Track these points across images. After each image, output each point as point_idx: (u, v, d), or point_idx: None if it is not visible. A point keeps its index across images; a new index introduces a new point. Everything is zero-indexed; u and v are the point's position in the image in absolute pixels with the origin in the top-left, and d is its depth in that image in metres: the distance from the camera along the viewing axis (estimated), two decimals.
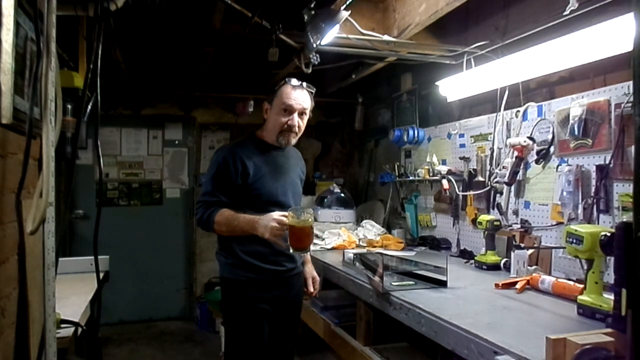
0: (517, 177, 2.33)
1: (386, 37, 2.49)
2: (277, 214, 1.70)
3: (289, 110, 1.87)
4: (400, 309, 1.75)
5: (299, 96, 1.88)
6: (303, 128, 1.94)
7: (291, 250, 1.70)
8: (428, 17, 2.20)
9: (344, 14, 2.16)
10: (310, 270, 2.19)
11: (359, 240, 3.14)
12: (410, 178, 3.28)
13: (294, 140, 1.95)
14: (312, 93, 1.95)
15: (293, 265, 2.00)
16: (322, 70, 3.06)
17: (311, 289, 2.15)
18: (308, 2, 2.19)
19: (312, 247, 1.96)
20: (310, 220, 1.66)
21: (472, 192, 2.67)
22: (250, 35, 2.54)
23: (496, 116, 2.50)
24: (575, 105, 2.00)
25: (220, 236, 1.94)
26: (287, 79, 1.92)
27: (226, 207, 1.84)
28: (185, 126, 4.72)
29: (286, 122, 1.87)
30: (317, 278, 2.19)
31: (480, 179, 2.63)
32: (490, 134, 2.57)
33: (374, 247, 2.93)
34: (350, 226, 3.44)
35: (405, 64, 3.05)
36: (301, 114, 1.90)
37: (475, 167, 2.70)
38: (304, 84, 1.92)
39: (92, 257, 1.48)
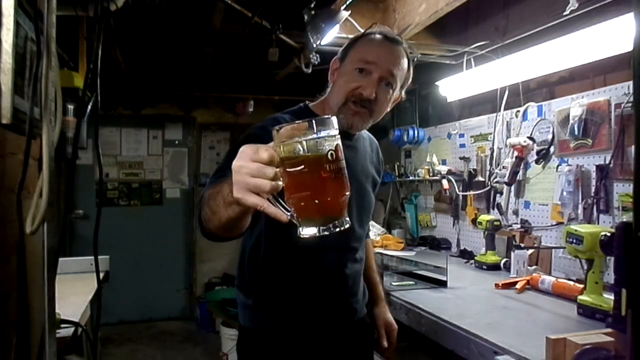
0: (517, 177, 2.33)
1: None
2: (255, 145, 0.76)
3: (367, 69, 1.18)
4: (400, 309, 1.75)
5: (390, 52, 1.21)
6: (385, 108, 1.25)
7: (300, 229, 0.75)
8: (428, 17, 2.20)
9: (344, 14, 2.16)
10: (382, 314, 1.48)
11: None
12: (410, 178, 3.28)
13: (363, 125, 1.24)
14: (412, 60, 1.28)
15: (348, 316, 1.33)
16: (322, 70, 3.05)
17: (385, 343, 1.45)
18: (308, 2, 2.19)
19: None
20: (325, 140, 0.73)
21: (472, 192, 2.67)
22: (250, 35, 2.54)
23: (496, 116, 2.50)
24: (575, 105, 2.00)
25: (239, 260, 1.33)
26: (377, 26, 1.30)
27: None
28: (185, 126, 4.72)
29: (357, 87, 1.17)
30: (395, 326, 1.49)
31: (480, 179, 2.63)
32: (490, 134, 2.57)
33: (374, 247, 2.93)
34: None
35: None
36: (387, 81, 1.19)
37: (475, 167, 2.70)
38: (403, 41, 1.27)
39: (92, 257, 1.48)
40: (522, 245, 2.18)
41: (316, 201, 0.73)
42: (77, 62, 2.15)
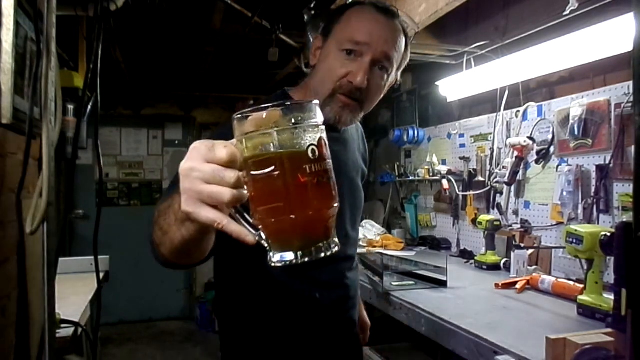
0: (517, 177, 2.33)
1: None
2: (210, 142, 0.56)
3: (357, 52, 0.98)
4: (400, 309, 1.75)
5: (385, 29, 0.99)
6: (379, 96, 1.07)
7: (270, 254, 0.56)
8: (428, 17, 2.20)
9: None
10: (359, 313, 1.29)
11: (359, 240, 3.13)
12: (410, 178, 3.28)
13: (351, 119, 1.04)
14: (410, 37, 1.07)
15: (354, 318, 1.18)
16: None
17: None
18: (308, 2, 2.19)
19: None
20: (309, 131, 0.54)
21: (472, 192, 2.67)
22: (250, 35, 2.54)
23: (496, 116, 2.50)
24: (575, 105, 2.00)
25: (216, 300, 1.14)
26: None
27: None
28: (185, 126, 4.73)
29: (345, 74, 0.98)
30: (368, 324, 1.43)
31: (480, 179, 2.63)
32: (490, 134, 2.57)
33: (374, 247, 2.93)
34: None
35: None
36: (381, 64, 1.00)
37: (475, 167, 2.70)
38: (399, 11, 1.05)
39: (92, 257, 1.48)
40: (522, 245, 2.18)
41: (292, 216, 0.53)
42: (77, 62, 2.15)
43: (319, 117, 0.56)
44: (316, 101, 0.56)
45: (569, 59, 1.97)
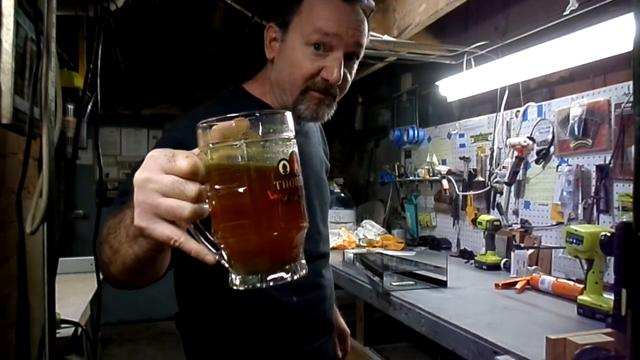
0: (517, 177, 2.33)
1: (386, 37, 2.49)
2: (170, 150, 0.51)
3: (327, 45, 0.90)
4: (400, 309, 1.75)
5: (353, 17, 0.91)
6: (348, 86, 0.99)
7: (231, 276, 0.52)
8: (428, 17, 2.20)
9: None
10: (335, 321, 1.24)
11: (359, 240, 3.13)
12: (410, 178, 3.28)
13: (328, 114, 0.98)
14: (370, 14, 0.97)
15: (326, 338, 1.11)
16: None
17: (339, 353, 1.28)
18: None
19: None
20: (283, 144, 0.50)
21: (472, 192, 2.67)
22: (250, 35, 2.54)
23: (496, 116, 2.50)
24: (575, 105, 2.00)
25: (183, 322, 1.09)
26: None
27: None
28: None
29: (317, 71, 0.91)
30: (347, 332, 1.35)
31: (480, 179, 2.63)
32: (490, 134, 2.57)
33: (374, 247, 2.93)
34: (350, 226, 3.44)
35: (405, 64, 3.05)
36: (353, 53, 0.94)
37: (475, 167, 2.70)
38: None
39: (92, 257, 1.48)
40: (522, 245, 2.18)
41: (258, 236, 0.49)
42: (77, 62, 2.15)
43: (291, 129, 0.51)
44: (289, 112, 0.52)
45: (569, 59, 1.97)
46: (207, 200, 0.50)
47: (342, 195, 3.75)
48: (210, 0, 2.28)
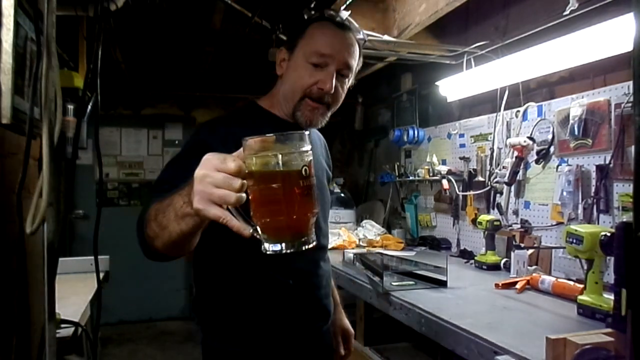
0: (517, 177, 2.33)
1: (386, 37, 2.49)
2: (222, 155, 0.72)
3: (322, 63, 1.11)
4: (400, 309, 1.75)
5: (344, 42, 1.14)
6: (342, 97, 1.18)
7: (266, 245, 0.72)
8: (428, 17, 2.20)
9: (344, 14, 2.15)
10: (339, 320, 1.43)
11: (359, 240, 3.13)
12: (410, 178, 3.28)
13: (322, 120, 1.17)
14: (361, 43, 1.20)
15: (323, 322, 1.26)
16: None
17: (342, 351, 1.40)
18: (308, 2, 2.19)
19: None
20: (303, 156, 0.71)
21: (472, 192, 2.67)
22: (250, 35, 2.54)
23: (496, 116, 2.50)
24: (575, 105, 2.00)
25: (197, 293, 1.23)
26: (325, 11, 1.21)
27: None
28: (185, 126, 4.73)
29: (314, 83, 1.11)
30: (351, 332, 1.46)
31: (480, 179, 2.63)
32: (490, 134, 2.57)
33: (374, 247, 2.93)
34: (350, 226, 3.44)
35: (405, 64, 3.05)
36: (343, 73, 1.14)
37: (475, 167, 2.70)
38: (353, 22, 1.21)
39: (92, 257, 1.48)
40: (522, 245, 2.18)
41: (285, 218, 0.69)
42: (77, 62, 2.15)
43: (308, 144, 0.71)
44: (307, 132, 0.71)
45: (569, 59, 1.97)
46: (247, 192, 0.69)
47: (342, 195, 3.75)
48: (210, 0, 2.28)
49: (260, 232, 0.71)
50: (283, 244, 0.71)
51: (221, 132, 1.10)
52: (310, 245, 0.72)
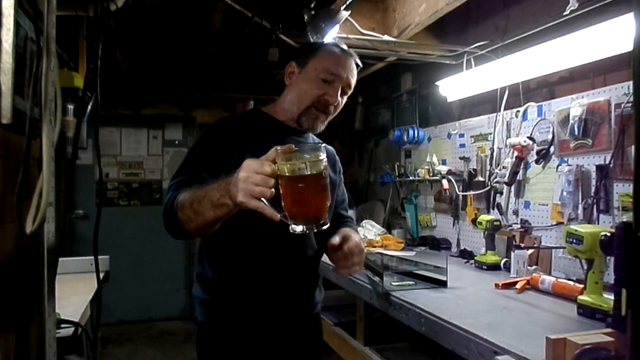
0: (517, 177, 2.33)
1: (386, 37, 2.49)
2: (259, 160, 0.95)
3: (331, 80, 1.31)
4: (400, 309, 1.75)
5: (349, 66, 1.34)
6: (338, 111, 1.40)
7: (292, 226, 0.94)
8: (428, 17, 2.20)
9: (344, 14, 2.16)
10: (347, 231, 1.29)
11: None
12: (410, 178, 3.28)
13: (322, 127, 1.37)
14: (358, 68, 1.40)
15: (308, 306, 1.40)
16: None
17: (337, 240, 1.17)
18: (308, 2, 2.19)
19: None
20: (317, 163, 0.92)
21: (472, 192, 2.67)
22: (250, 35, 2.54)
23: (496, 116, 2.50)
24: (575, 105, 2.00)
25: (200, 252, 1.37)
26: (334, 39, 1.45)
27: None
28: (185, 126, 4.72)
29: (323, 95, 1.30)
30: (360, 247, 1.23)
31: (480, 179, 2.63)
32: (490, 134, 2.57)
33: (374, 247, 2.93)
34: None
35: (405, 64, 3.05)
36: (345, 91, 1.36)
37: (475, 167, 2.70)
38: (353, 53, 1.39)
39: (92, 257, 1.48)
40: (522, 245, 2.18)
41: (309, 208, 0.94)
42: (77, 62, 2.15)
43: (324, 152, 0.94)
44: (324, 145, 0.97)
45: (569, 59, 1.97)
46: (278, 188, 0.92)
47: None
48: (210, 0, 2.28)
49: (288, 217, 0.94)
50: (306, 226, 0.94)
51: (233, 130, 1.31)
52: (326, 227, 0.96)
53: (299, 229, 0.94)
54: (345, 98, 1.39)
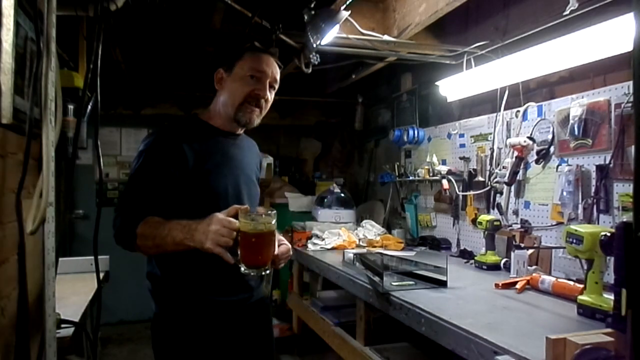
0: (517, 177, 2.33)
1: (386, 37, 2.49)
2: (222, 214, 1.23)
3: (258, 77, 1.46)
4: (400, 309, 1.75)
5: (273, 63, 1.52)
6: (269, 106, 1.53)
7: (243, 268, 1.23)
8: (428, 17, 2.20)
9: (344, 14, 2.16)
10: None
11: (359, 240, 3.13)
12: (410, 178, 3.28)
13: (257, 120, 1.51)
14: (280, 67, 1.57)
15: (246, 294, 1.54)
16: (322, 70, 3.06)
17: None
18: (308, 2, 2.19)
19: (275, 260, 1.35)
20: (270, 224, 1.22)
21: (472, 192, 2.67)
22: (250, 35, 2.54)
23: (496, 116, 2.50)
24: (575, 105, 2.00)
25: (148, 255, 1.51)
26: (254, 42, 1.57)
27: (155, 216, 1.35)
28: None
29: (253, 90, 1.45)
30: (286, 246, 1.44)
31: (480, 179, 2.63)
32: (490, 134, 2.57)
33: (374, 247, 2.93)
34: (350, 226, 3.44)
35: (405, 64, 3.05)
36: (271, 85, 1.51)
37: (475, 167, 2.70)
38: (276, 51, 1.56)
39: (92, 257, 1.48)
40: (522, 245, 2.18)
41: (259, 257, 1.23)
42: (77, 62, 2.15)
43: (274, 218, 1.23)
44: (274, 212, 1.24)
45: (569, 59, 1.97)
46: (237, 239, 1.21)
47: (342, 195, 3.75)
48: (210, 0, 2.28)
49: (240, 262, 1.22)
50: (253, 270, 1.24)
51: (167, 135, 1.45)
52: (266, 272, 1.29)
53: (247, 271, 1.23)
54: (274, 93, 1.53)
